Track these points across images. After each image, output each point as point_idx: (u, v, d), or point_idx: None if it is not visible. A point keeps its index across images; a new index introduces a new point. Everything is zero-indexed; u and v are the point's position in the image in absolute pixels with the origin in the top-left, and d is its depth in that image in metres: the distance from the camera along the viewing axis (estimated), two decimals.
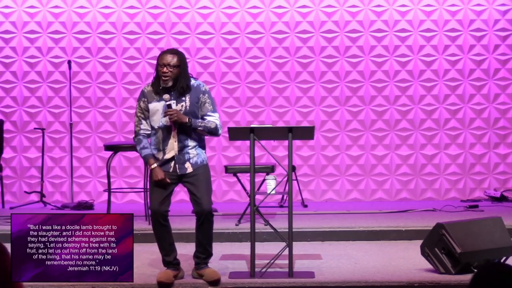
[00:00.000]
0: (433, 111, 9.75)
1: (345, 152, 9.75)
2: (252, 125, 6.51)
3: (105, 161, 9.16)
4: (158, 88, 6.03)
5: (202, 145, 6.14)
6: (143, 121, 6.11)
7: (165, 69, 5.96)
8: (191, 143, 6.06)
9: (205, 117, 6.07)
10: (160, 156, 6.07)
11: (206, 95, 6.09)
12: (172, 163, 6.04)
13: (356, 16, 9.74)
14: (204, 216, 6.04)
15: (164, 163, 6.06)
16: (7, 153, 9.54)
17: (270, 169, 8.04)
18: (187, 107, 6.02)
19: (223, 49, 9.72)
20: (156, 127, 6.06)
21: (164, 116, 5.98)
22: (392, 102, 9.75)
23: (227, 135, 6.50)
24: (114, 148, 8.22)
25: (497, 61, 9.76)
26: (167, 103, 5.97)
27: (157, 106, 6.03)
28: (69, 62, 9.48)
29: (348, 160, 9.74)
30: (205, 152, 6.18)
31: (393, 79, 9.74)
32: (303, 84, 9.73)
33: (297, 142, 9.59)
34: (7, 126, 9.49)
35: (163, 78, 5.98)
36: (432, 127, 9.76)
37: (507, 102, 9.78)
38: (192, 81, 6.08)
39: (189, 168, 6.05)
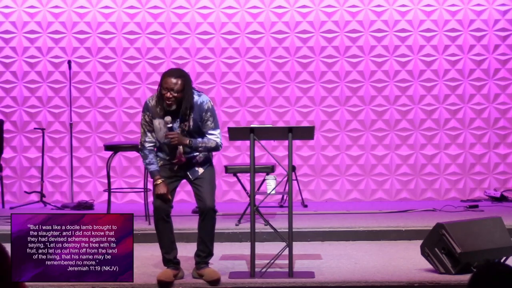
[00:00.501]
0: (433, 111, 9.75)
1: (345, 152, 9.75)
2: (252, 125, 6.51)
3: (105, 161, 9.16)
4: (161, 106, 6.04)
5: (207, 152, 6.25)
6: (148, 134, 6.12)
7: (168, 94, 5.94)
8: (196, 153, 6.14)
9: (206, 134, 6.11)
10: (169, 161, 6.14)
11: (209, 113, 6.08)
12: (187, 173, 6.14)
13: (356, 16, 9.74)
14: (207, 211, 6.08)
15: (172, 166, 6.15)
16: (7, 153, 9.54)
17: (270, 169, 8.04)
18: (191, 126, 6.06)
19: (223, 49, 9.71)
20: (162, 142, 6.10)
21: (165, 139, 6.02)
22: (392, 102, 9.75)
23: (227, 135, 6.51)
24: (114, 148, 8.23)
25: (497, 61, 9.76)
26: (169, 125, 6.00)
27: (161, 124, 6.06)
28: (69, 62, 9.47)
29: (348, 160, 9.74)
30: (211, 153, 6.27)
31: (393, 79, 9.74)
32: (303, 84, 9.73)
33: (297, 142, 9.58)
34: (7, 126, 9.49)
35: (167, 102, 5.98)
36: (432, 127, 9.76)
37: (507, 102, 9.77)
38: (196, 98, 6.06)
39: (200, 170, 6.15)
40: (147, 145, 6.12)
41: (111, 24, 9.67)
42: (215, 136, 6.11)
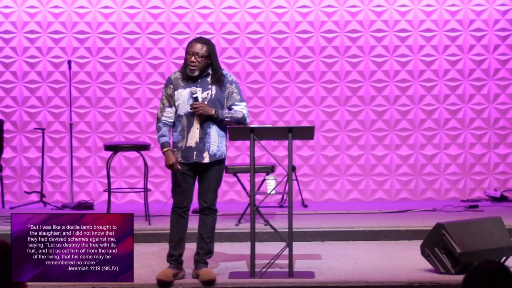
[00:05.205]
0: (433, 111, 9.75)
1: (345, 152, 9.75)
2: (252, 125, 6.51)
3: (105, 161, 9.15)
4: (186, 75, 6.05)
5: (224, 136, 6.19)
6: (167, 109, 6.13)
7: (192, 58, 6.01)
8: (213, 132, 6.09)
9: (232, 106, 6.11)
10: (183, 144, 6.10)
11: (234, 85, 6.15)
12: (194, 153, 6.06)
13: (356, 16, 9.74)
14: (206, 208, 6.13)
15: (186, 151, 6.08)
16: (7, 153, 9.54)
17: (270, 169, 8.04)
18: (213, 95, 6.07)
19: (223, 49, 9.71)
20: (181, 114, 6.08)
21: (191, 109, 6.00)
22: (392, 102, 9.75)
23: (227, 135, 6.51)
24: (114, 148, 8.23)
25: (497, 61, 9.76)
26: (194, 95, 5.99)
27: (183, 93, 6.06)
28: (69, 62, 9.47)
29: (348, 160, 9.74)
30: (225, 146, 6.21)
31: (393, 79, 9.74)
32: (303, 84, 9.73)
33: (297, 142, 9.58)
34: (7, 126, 9.49)
35: (190, 67, 6.02)
36: (432, 127, 9.75)
37: (507, 102, 9.77)
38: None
39: (206, 158, 6.10)
40: (163, 118, 6.12)
41: (111, 24, 9.67)
42: (241, 107, 6.12)
